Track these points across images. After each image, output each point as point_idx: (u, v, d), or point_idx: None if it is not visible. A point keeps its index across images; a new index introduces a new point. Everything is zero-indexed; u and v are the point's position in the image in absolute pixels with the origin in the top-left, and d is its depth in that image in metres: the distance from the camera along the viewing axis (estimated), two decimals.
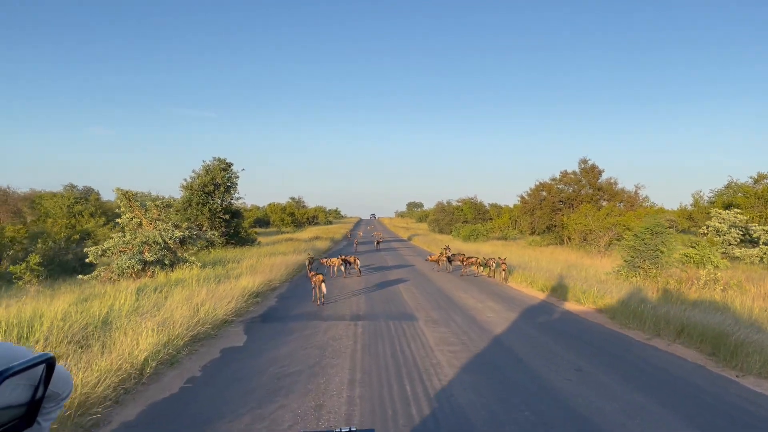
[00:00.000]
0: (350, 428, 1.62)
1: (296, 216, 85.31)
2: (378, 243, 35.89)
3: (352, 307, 11.75)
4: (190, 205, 27.41)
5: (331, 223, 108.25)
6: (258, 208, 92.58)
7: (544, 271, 17.31)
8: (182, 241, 18.41)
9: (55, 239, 23.18)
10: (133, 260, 15.77)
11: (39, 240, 22.24)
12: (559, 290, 14.13)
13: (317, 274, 12.75)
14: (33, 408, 1.53)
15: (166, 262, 16.88)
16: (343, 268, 19.12)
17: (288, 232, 63.30)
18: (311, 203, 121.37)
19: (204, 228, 27.73)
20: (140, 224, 18.07)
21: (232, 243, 29.56)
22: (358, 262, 19.61)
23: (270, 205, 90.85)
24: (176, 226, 18.29)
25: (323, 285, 12.54)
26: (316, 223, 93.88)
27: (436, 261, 22.14)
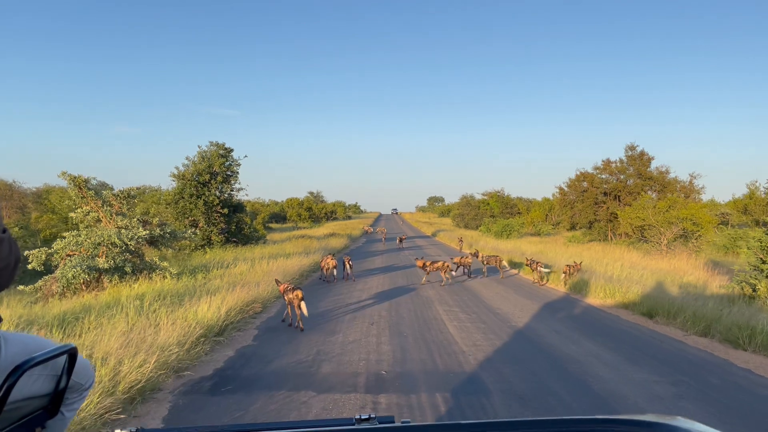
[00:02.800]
0: (370, 415, 1.38)
1: (314, 211, 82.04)
2: (401, 240, 31.70)
3: (370, 354, 7.24)
4: (182, 197, 23.50)
5: (350, 218, 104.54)
6: (276, 203, 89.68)
7: (630, 283, 12.89)
8: (152, 242, 14.45)
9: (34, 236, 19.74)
10: (78, 268, 11.83)
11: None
12: (721, 329, 8.27)
13: (295, 288, 8.97)
14: (56, 399, 1.59)
15: (127, 269, 12.92)
16: (346, 266, 15.61)
17: (304, 228, 59.56)
18: (330, 198, 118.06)
19: (200, 224, 23.85)
20: (98, 220, 14.17)
21: (234, 241, 25.64)
22: (351, 264, 16.01)
23: (288, 200, 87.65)
24: (145, 223, 14.32)
25: (303, 304, 8.76)
26: (335, 218, 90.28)
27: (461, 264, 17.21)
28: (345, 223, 66.01)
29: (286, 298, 8.90)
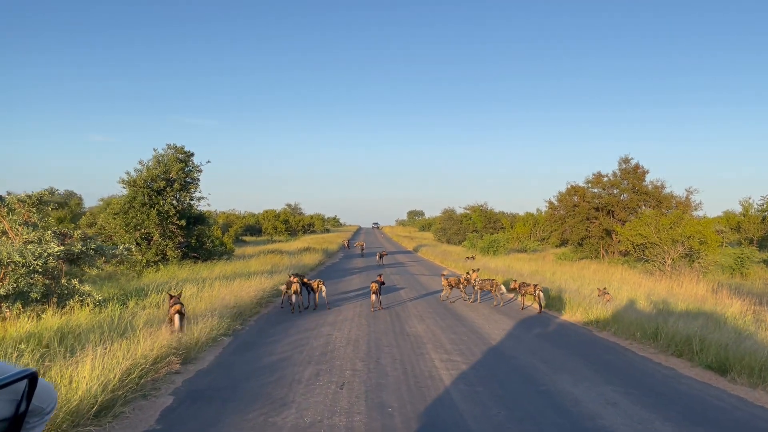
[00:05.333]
0: None
1: (291, 223, 79.06)
2: (381, 257, 28.98)
3: None
4: (132, 206, 20.51)
5: (328, 231, 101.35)
6: (252, 215, 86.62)
7: (689, 320, 10.28)
8: (74, 260, 11.56)
9: None
10: None
11: None
12: None
13: (177, 302, 8.20)
14: (15, 423, 1.53)
15: (34, 295, 10.03)
16: (297, 296, 12.43)
17: (279, 241, 56.54)
18: (309, 210, 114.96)
19: (154, 237, 20.88)
20: (4, 232, 11.27)
21: (194, 257, 22.68)
22: (323, 287, 13.14)
23: (264, 211, 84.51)
24: (63, 236, 11.44)
25: (177, 318, 7.91)
26: (312, 231, 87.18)
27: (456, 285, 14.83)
28: (323, 237, 63.07)
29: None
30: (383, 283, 13.67)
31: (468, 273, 15.41)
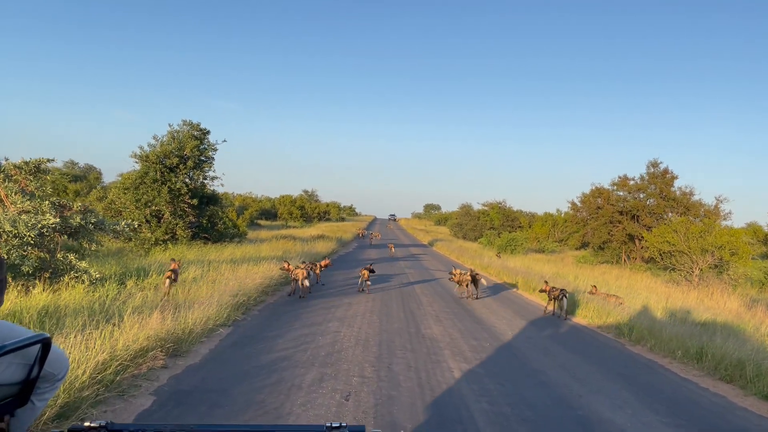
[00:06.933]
0: (341, 423, 1.33)
1: (306, 210, 78.41)
2: (392, 248, 28.38)
3: None
4: (143, 181, 19.87)
5: (344, 219, 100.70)
6: (269, 199, 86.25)
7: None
8: (73, 234, 10.89)
9: None
10: None
11: None
12: None
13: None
14: (27, 387, 1.57)
15: (25, 268, 9.37)
16: (307, 282, 12.37)
17: (294, 227, 55.90)
18: (326, 198, 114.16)
19: (164, 215, 20.25)
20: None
21: (205, 238, 22.04)
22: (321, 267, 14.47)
23: (280, 196, 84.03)
24: (61, 207, 10.76)
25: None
26: (328, 219, 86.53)
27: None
28: (337, 225, 62.40)
29: None
30: (373, 271, 14.54)
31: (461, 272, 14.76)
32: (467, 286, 13.89)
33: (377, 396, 5.64)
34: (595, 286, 15.93)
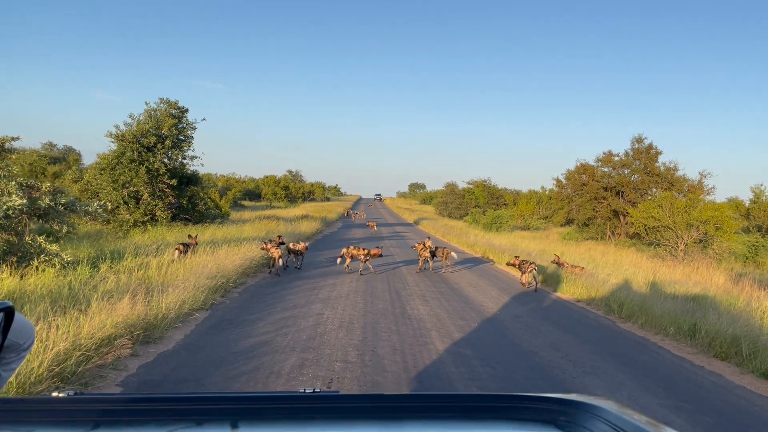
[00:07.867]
0: (314, 389, 1.28)
1: (291, 190, 77.76)
2: (374, 227, 28.35)
3: None
4: (120, 162, 19.22)
5: (328, 200, 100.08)
6: (252, 179, 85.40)
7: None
8: (42, 215, 10.37)
9: None
10: None
11: None
12: None
13: None
14: None
15: None
16: (282, 261, 12.73)
17: (278, 207, 55.30)
18: (310, 178, 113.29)
19: (143, 196, 19.66)
20: None
21: (186, 219, 21.51)
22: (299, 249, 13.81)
23: (264, 177, 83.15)
24: (29, 188, 10.23)
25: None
26: (312, 199, 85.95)
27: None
28: (322, 205, 61.87)
29: None
30: (381, 255, 14.30)
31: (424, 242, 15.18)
32: (424, 260, 14.70)
33: (361, 382, 5.33)
34: (557, 256, 16.03)
